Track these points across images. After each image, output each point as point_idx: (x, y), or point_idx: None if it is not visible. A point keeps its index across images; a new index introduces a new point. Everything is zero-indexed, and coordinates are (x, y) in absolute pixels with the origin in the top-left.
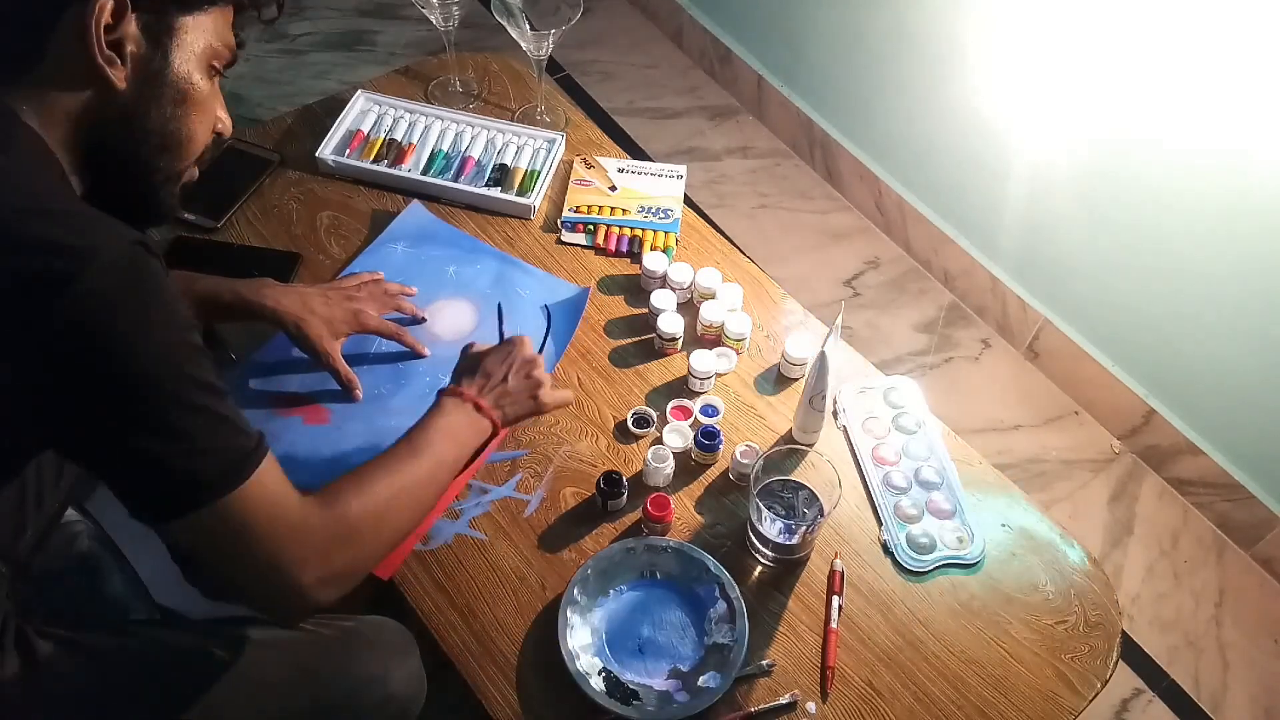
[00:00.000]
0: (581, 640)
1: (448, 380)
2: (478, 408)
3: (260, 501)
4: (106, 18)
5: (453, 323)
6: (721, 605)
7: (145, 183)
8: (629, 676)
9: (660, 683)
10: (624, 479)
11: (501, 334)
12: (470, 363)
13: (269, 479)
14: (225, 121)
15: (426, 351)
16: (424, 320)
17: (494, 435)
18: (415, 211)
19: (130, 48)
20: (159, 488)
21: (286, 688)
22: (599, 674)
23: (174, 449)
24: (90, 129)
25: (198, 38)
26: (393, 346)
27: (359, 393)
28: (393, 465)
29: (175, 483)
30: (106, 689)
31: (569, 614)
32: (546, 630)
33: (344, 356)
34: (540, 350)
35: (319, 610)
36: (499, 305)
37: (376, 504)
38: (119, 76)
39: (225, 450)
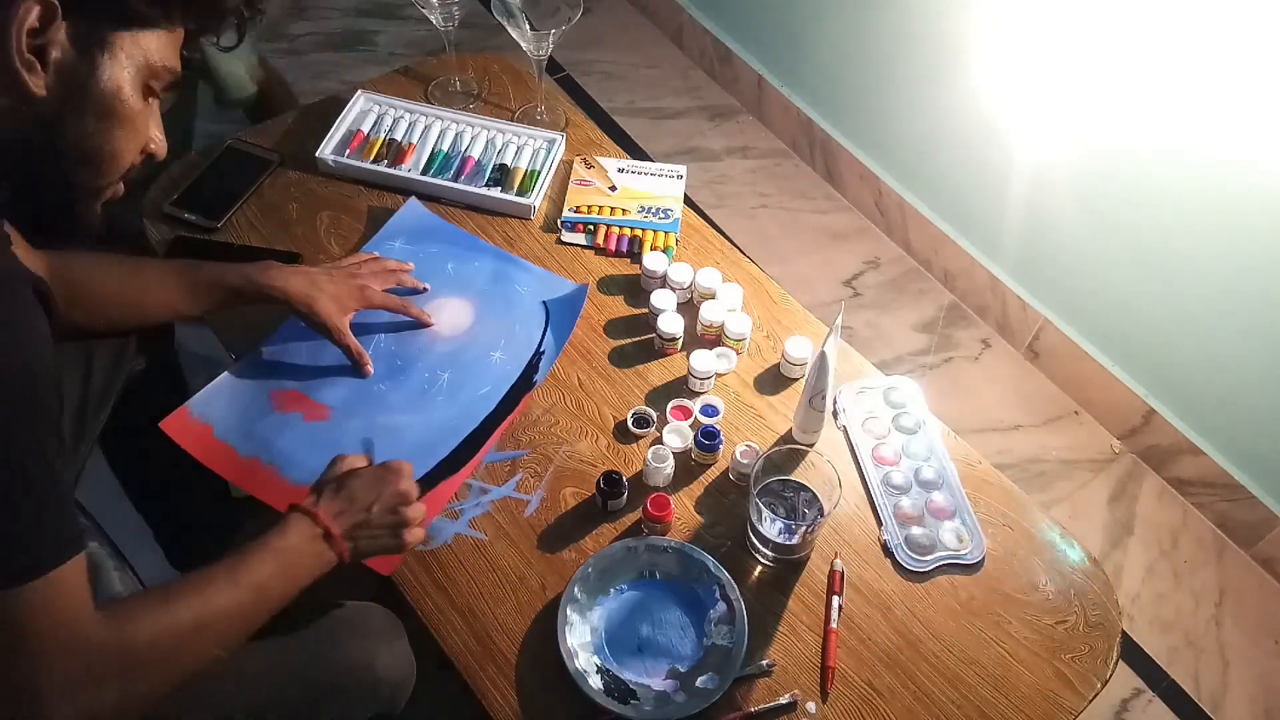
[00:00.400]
0: (580, 638)
1: (444, 377)
2: (328, 535)
3: (55, 600)
4: (32, 21)
5: (451, 320)
6: (721, 606)
7: (62, 195)
8: (627, 676)
9: (658, 682)
10: (624, 479)
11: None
12: (335, 479)
13: (77, 577)
14: (158, 143)
15: (432, 320)
16: (426, 290)
17: (338, 568)
18: (413, 208)
19: (55, 54)
20: None
21: (274, 676)
22: (597, 672)
23: None
24: (6, 135)
25: (134, 54)
26: (391, 343)
27: (370, 368)
28: (205, 589)
29: None
30: None
31: (569, 612)
32: (546, 630)
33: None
34: (539, 347)
35: None
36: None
37: (172, 633)
38: (36, 83)
39: (45, 532)
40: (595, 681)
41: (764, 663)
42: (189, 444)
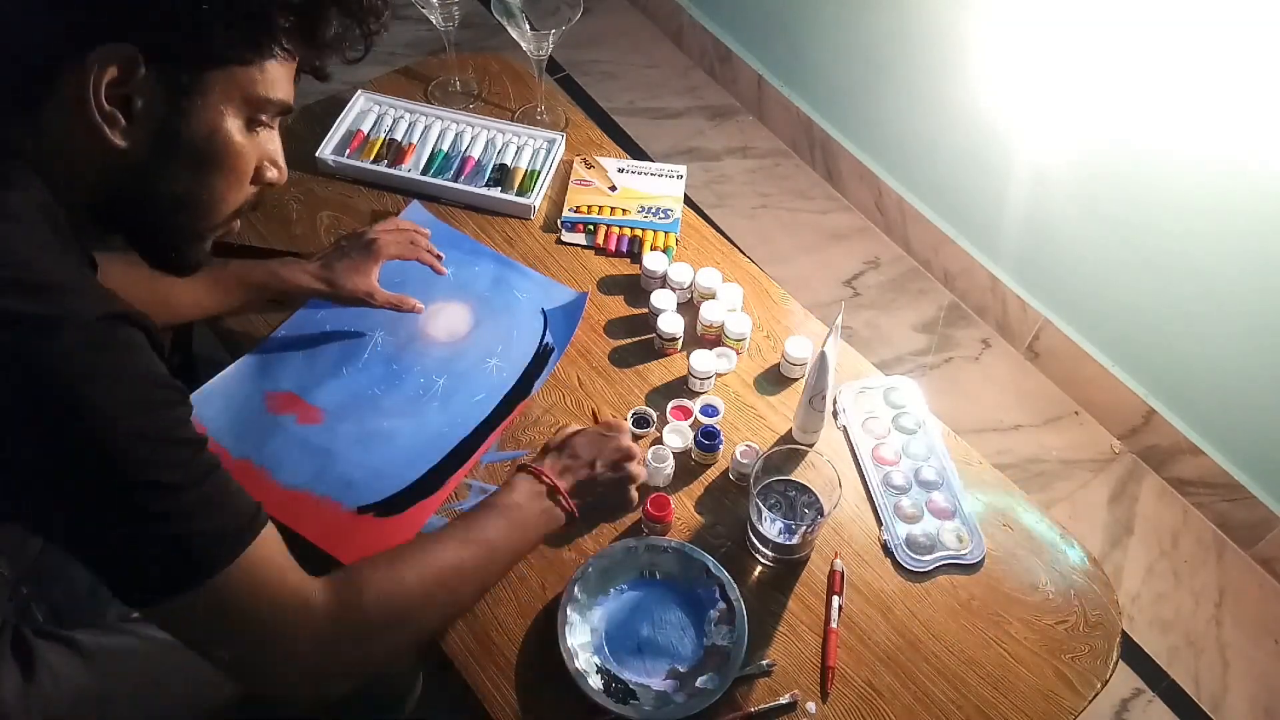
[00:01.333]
0: (580, 638)
1: (440, 382)
2: (555, 492)
3: (253, 581)
4: (112, 74)
5: (449, 325)
6: (721, 606)
7: (165, 239)
8: (627, 676)
9: (658, 683)
10: None
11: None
12: (560, 440)
13: (267, 555)
14: (276, 170)
15: (444, 270)
16: (441, 257)
17: (570, 525)
18: (415, 211)
19: (140, 104)
20: (136, 571)
21: None
22: (597, 672)
23: (150, 530)
24: (97, 185)
25: (230, 91)
26: (387, 346)
27: (419, 305)
28: (436, 550)
29: (153, 565)
30: (105, 689)
31: (568, 611)
32: (546, 630)
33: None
34: (538, 352)
35: (321, 700)
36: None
37: (404, 597)
38: (118, 135)
39: (209, 529)
40: (595, 681)
41: (764, 663)
42: None
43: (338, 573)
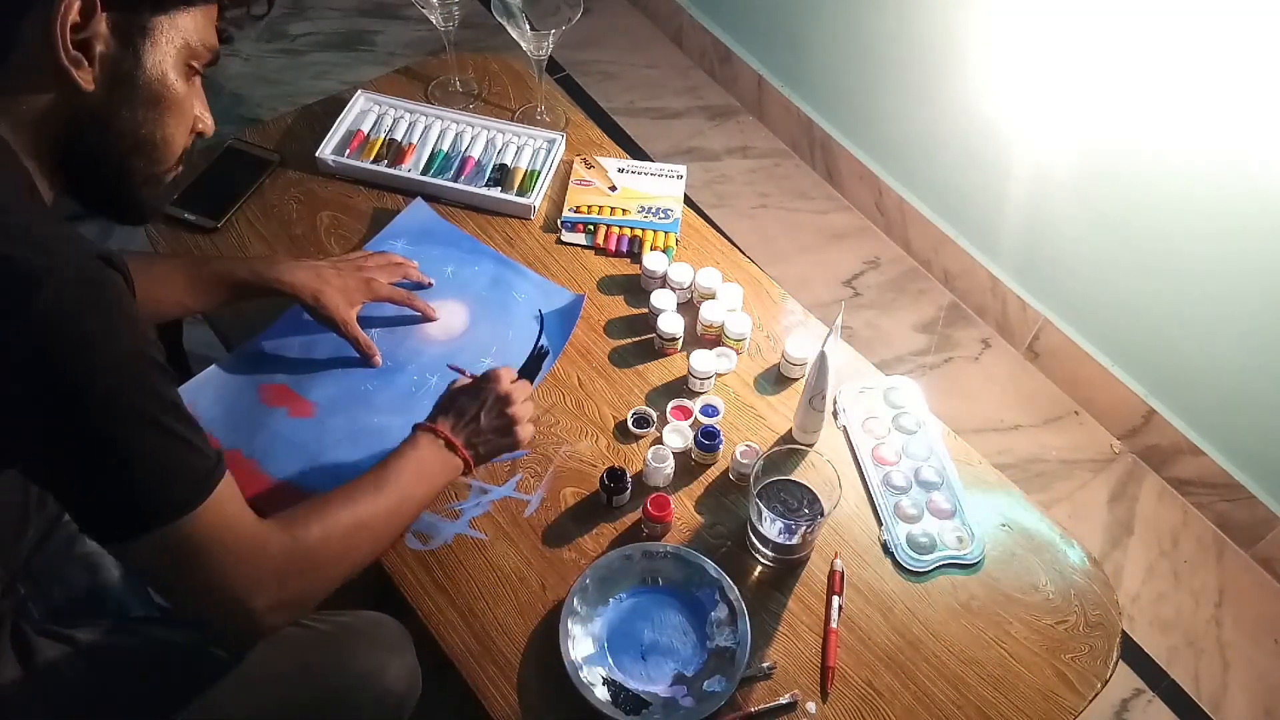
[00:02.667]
0: (584, 650)
1: (433, 380)
2: (450, 445)
3: (216, 524)
4: (74, 17)
5: (445, 323)
6: (722, 608)
7: (122, 185)
8: (634, 685)
9: (665, 689)
10: (627, 474)
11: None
12: (447, 398)
13: (226, 501)
14: (206, 121)
15: (435, 314)
16: (431, 285)
17: (467, 472)
18: (418, 209)
19: (99, 48)
20: (112, 508)
21: (282, 683)
22: (603, 684)
23: (128, 469)
24: (60, 132)
25: (173, 37)
26: (382, 343)
27: (378, 358)
28: (357, 496)
29: (129, 504)
30: (104, 687)
31: (569, 624)
32: (547, 631)
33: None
34: (533, 353)
35: (268, 635)
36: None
37: (337, 533)
38: (86, 78)
39: (181, 471)
40: (602, 693)
41: (764, 665)
42: None
43: (280, 515)
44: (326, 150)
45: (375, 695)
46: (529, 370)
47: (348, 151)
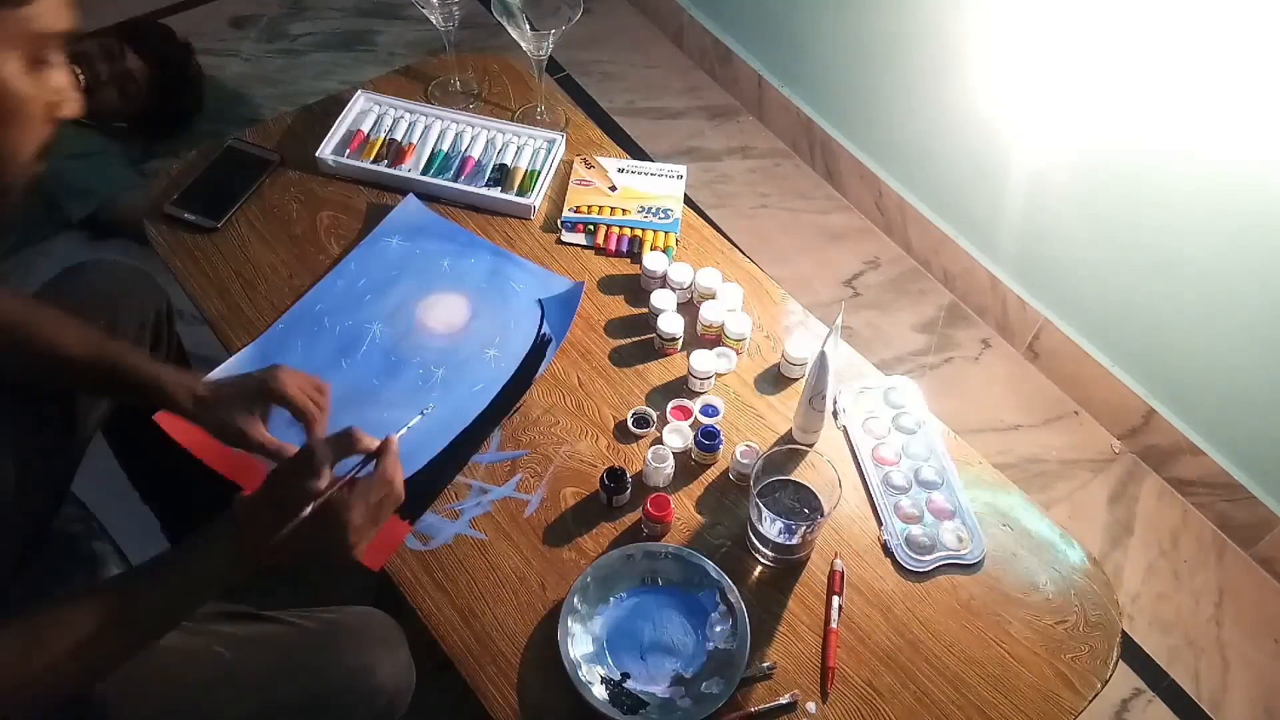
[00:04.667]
0: (583, 649)
1: (439, 373)
2: (255, 552)
3: None
4: None
5: (445, 316)
6: (722, 609)
7: None
8: (632, 684)
9: (664, 690)
10: (627, 474)
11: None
12: (276, 483)
13: None
14: (68, 101)
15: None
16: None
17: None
18: (410, 205)
19: None
20: None
21: (270, 682)
22: (601, 683)
23: None
24: None
25: (5, 33)
26: (385, 338)
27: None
28: (88, 630)
29: None
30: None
31: (570, 623)
32: (547, 631)
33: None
34: (536, 341)
35: None
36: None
37: (51, 676)
38: None
39: None
40: (600, 692)
41: (764, 665)
42: (181, 435)
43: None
44: (326, 150)
45: (367, 692)
46: (533, 360)
47: (348, 151)
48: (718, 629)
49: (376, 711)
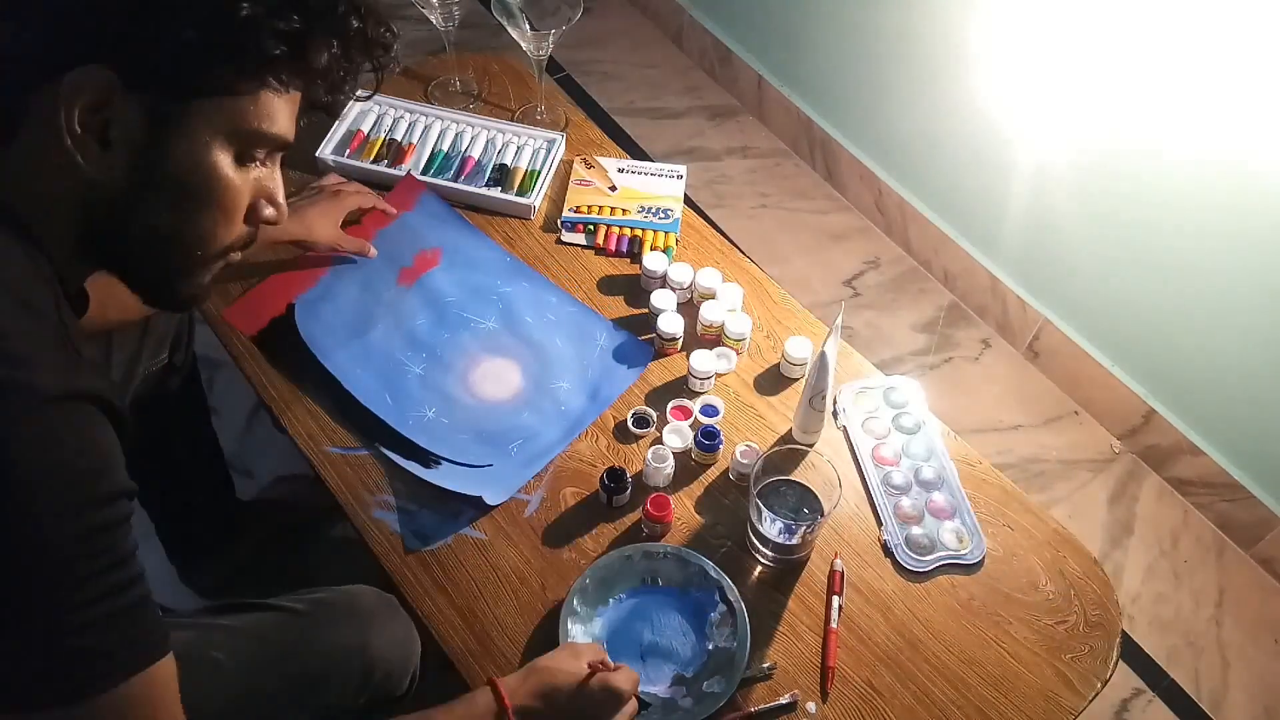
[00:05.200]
0: None
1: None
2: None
3: (140, 710)
4: (88, 96)
5: (495, 385)
6: (722, 609)
7: (150, 275)
8: None
9: (664, 690)
10: (627, 474)
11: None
12: (549, 673)
13: (154, 694)
14: (273, 210)
15: (373, 252)
16: (395, 215)
17: None
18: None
19: (116, 131)
20: (23, 671)
21: (257, 667)
22: None
23: (32, 636)
24: (77, 218)
25: (217, 123)
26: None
27: (372, 250)
28: None
29: (27, 673)
30: None
31: (569, 625)
32: (547, 631)
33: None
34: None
35: None
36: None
37: None
38: (93, 164)
39: (98, 650)
40: None
41: (765, 666)
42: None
43: None
44: (326, 150)
45: (362, 666)
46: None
47: (348, 151)
48: (718, 629)
49: (375, 684)
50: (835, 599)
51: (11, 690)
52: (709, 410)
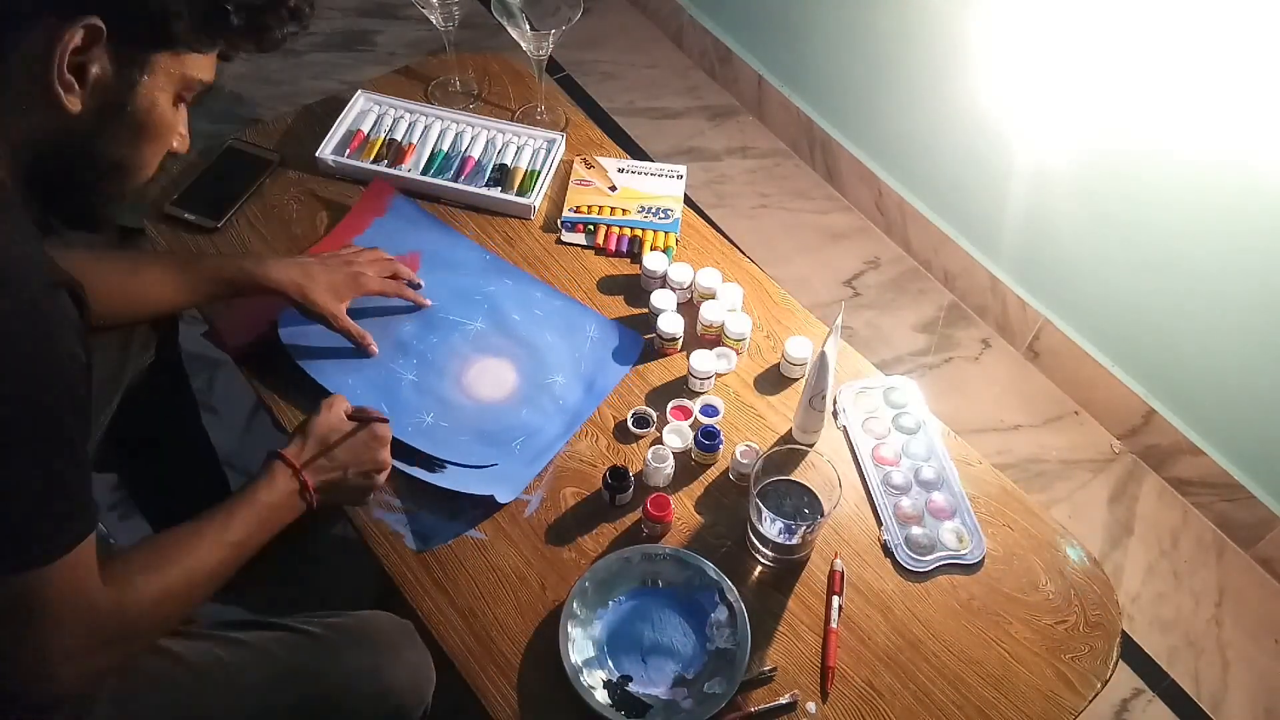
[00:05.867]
0: (583, 653)
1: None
2: (304, 489)
3: (60, 588)
4: (76, 42)
5: (490, 385)
6: (722, 610)
7: (88, 200)
8: (634, 687)
9: (665, 691)
10: (629, 472)
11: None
12: (319, 435)
13: (79, 565)
14: (184, 139)
15: (428, 302)
16: (421, 286)
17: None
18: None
19: (95, 72)
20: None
21: (269, 687)
22: (603, 687)
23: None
24: (38, 147)
25: (173, 72)
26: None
27: (374, 348)
28: (195, 549)
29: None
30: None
31: (569, 628)
32: (547, 631)
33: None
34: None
35: (62, 700)
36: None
37: (169, 593)
38: (74, 101)
39: (54, 514)
40: (602, 696)
41: (765, 668)
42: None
43: (114, 571)
44: (326, 150)
45: (373, 694)
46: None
47: (348, 151)
48: (718, 630)
49: (386, 713)
50: (835, 599)
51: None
52: (709, 410)
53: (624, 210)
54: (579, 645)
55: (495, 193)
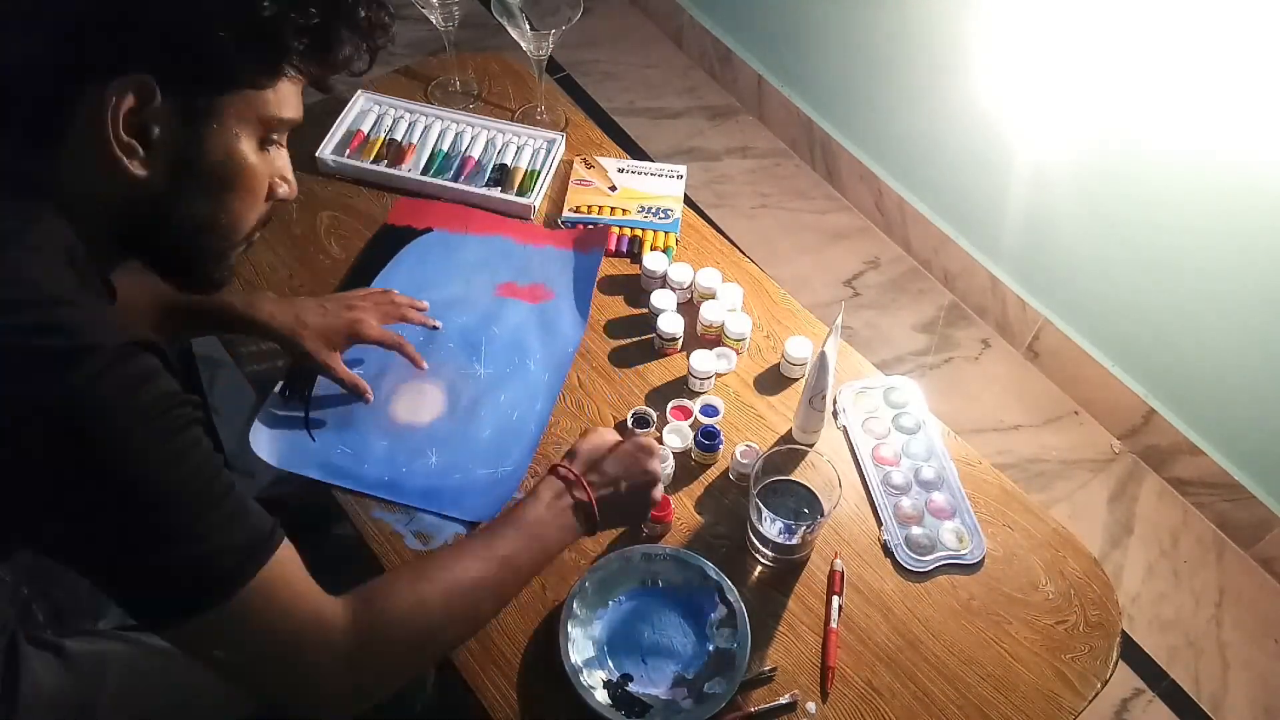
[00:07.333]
0: (583, 653)
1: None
2: (578, 505)
3: (271, 599)
4: (129, 102)
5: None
6: (722, 610)
7: (186, 262)
8: (634, 687)
9: (665, 692)
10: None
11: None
12: (590, 450)
13: (284, 573)
14: (287, 185)
15: (424, 365)
16: (438, 328)
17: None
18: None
19: (157, 132)
20: (154, 593)
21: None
22: (603, 686)
23: (169, 551)
24: (118, 215)
25: (244, 114)
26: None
27: (370, 395)
28: (458, 568)
29: (171, 587)
30: (84, 697)
31: (569, 628)
32: (548, 632)
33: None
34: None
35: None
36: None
37: (425, 617)
38: (137, 165)
39: (226, 547)
40: (602, 696)
41: (766, 669)
42: None
43: (359, 590)
44: (326, 150)
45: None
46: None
47: (348, 151)
48: (718, 630)
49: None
50: (835, 599)
51: (153, 610)
52: (709, 410)
53: (624, 210)
54: (579, 645)
55: (495, 193)
